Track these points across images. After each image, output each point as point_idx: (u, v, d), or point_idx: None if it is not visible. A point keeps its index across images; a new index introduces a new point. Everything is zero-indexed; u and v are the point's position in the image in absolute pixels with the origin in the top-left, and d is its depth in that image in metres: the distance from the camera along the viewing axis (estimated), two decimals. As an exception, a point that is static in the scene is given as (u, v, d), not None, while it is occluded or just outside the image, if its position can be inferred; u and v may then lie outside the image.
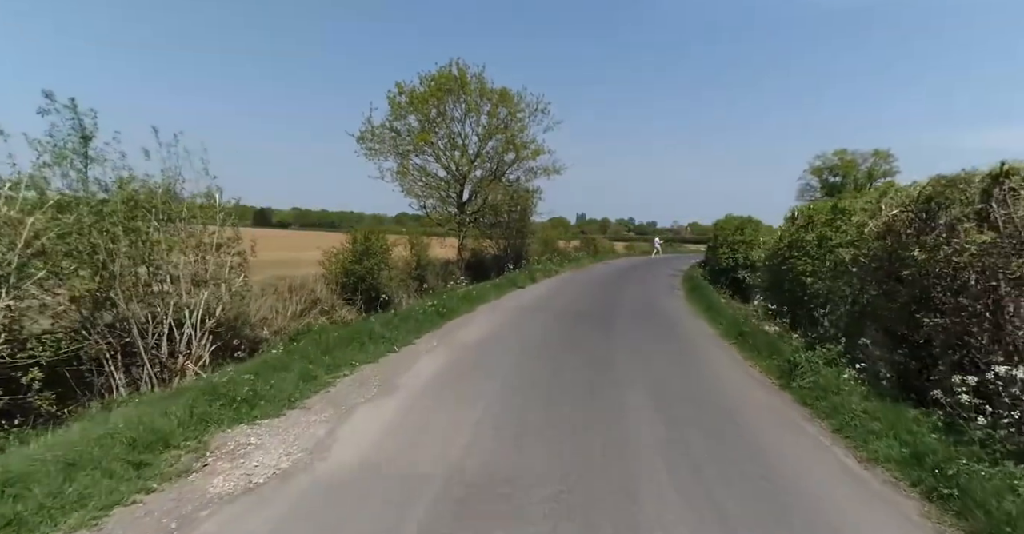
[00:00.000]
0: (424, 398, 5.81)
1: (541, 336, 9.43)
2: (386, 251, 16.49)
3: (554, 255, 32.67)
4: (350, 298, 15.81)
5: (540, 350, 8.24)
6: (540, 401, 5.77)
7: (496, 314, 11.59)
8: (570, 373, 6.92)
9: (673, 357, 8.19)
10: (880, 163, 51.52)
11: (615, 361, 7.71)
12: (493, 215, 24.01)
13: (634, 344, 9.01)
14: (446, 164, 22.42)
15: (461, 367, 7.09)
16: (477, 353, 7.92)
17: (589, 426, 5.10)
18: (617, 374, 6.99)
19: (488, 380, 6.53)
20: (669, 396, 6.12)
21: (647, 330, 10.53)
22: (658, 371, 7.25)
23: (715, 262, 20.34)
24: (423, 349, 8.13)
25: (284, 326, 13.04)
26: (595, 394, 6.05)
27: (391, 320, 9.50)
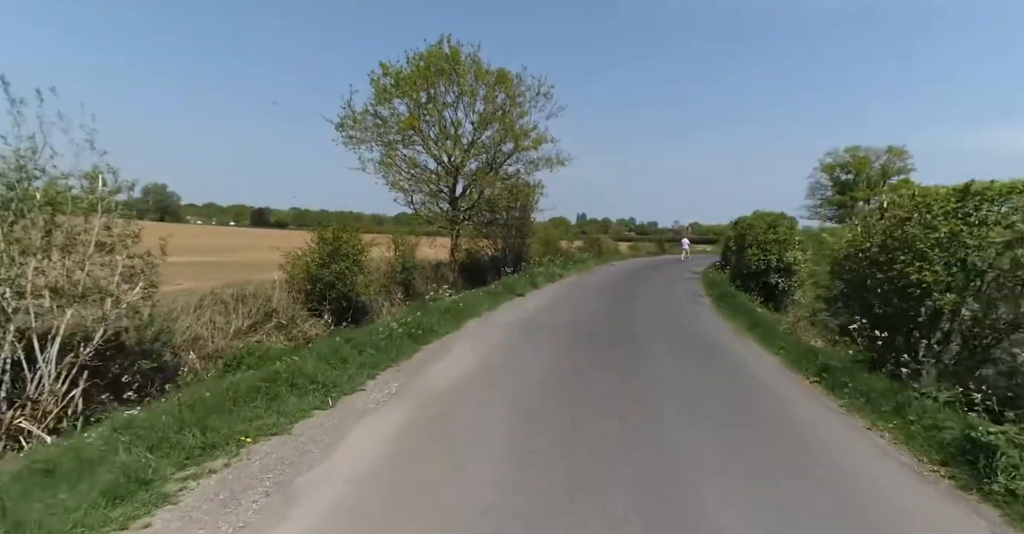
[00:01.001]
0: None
1: (544, 376, 6.52)
2: (361, 252, 13.69)
3: (556, 256, 29.88)
4: (316, 308, 13.03)
5: (544, 404, 5.38)
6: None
7: (488, 335, 8.79)
8: (594, 461, 4.06)
9: (746, 419, 5.25)
10: (894, 160, 48.67)
11: (659, 433, 4.83)
12: (490, 212, 21.20)
13: (677, 392, 6.08)
14: (436, 154, 19.62)
15: (419, 448, 4.24)
16: (448, 413, 5.07)
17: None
18: (665, 464, 4.13)
19: (458, 482, 3.69)
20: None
21: (687, 362, 7.59)
22: (730, 460, 4.31)
23: (741, 264, 17.49)
24: (370, 402, 5.29)
25: (224, 346, 10.27)
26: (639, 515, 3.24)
27: (339, 349, 6.69)
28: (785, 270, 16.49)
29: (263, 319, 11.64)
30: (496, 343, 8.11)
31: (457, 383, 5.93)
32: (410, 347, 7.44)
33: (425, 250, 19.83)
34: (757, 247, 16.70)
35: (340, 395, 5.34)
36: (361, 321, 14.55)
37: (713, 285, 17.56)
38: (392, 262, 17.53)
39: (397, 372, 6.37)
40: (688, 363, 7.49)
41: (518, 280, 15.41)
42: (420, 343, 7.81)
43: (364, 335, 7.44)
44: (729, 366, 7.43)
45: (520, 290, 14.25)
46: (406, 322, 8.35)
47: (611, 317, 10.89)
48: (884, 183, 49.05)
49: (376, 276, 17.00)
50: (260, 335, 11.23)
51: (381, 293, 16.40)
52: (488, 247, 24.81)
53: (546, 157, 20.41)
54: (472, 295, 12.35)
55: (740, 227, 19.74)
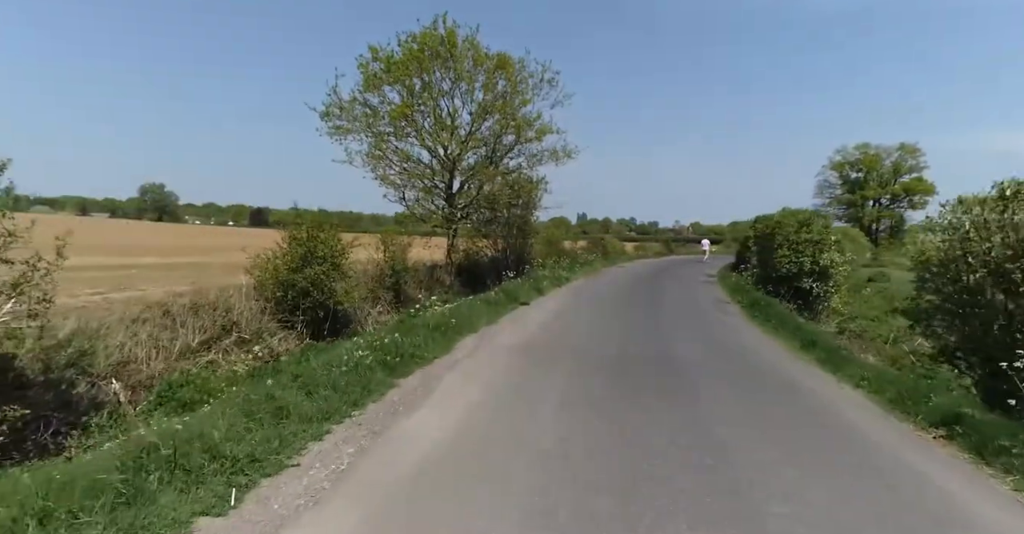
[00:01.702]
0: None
1: (562, 439, 4.41)
2: (341, 254, 11.77)
3: (560, 257, 27.97)
4: (288, 319, 11.12)
5: (568, 500, 3.38)
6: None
7: (484, 366, 6.81)
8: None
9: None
10: (906, 158, 46.73)
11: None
12: (489, 209, 19.28)
13: (756, 469, 4.11)
14: (431, 146, 17.69)
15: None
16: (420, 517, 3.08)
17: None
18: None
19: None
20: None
21: (755, 409, 5.51)
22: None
23: (768, 266, 15.54)
24: (302, 493, 3.32)
25: (165, 370, 8.38)
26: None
27: (277, 394, 4.72)
28: (820, 273, 14.55)
29: (220, 334, 9.73)
30: (495, 382, 6.05)
31: (439, 454, 3.97)
32: (381, 383, 5.53)
33: (419, 251, 17.94)
34: (788, 248, 14.77)
35: (257, 479, 3.42)
36: (343, 332, 12.65)
37: (738, 290, 15.64)
38: (381, 265, 15.63)
39: (355, 428, 4.41)
40: (762, 410, 5.46)
41: (521, 285, 13.50)
42: (396, 375, 5.90)
43: (321, 367, 5.48)
44: (808, 411, 5.46)
45: (524, 298, 12.34)
46: (380, 345, 6.43)
47: (635, 335, 8.96)
48: (895, 181, 47.18)
49: (362, 280, 15.11)
50: (214, 354, 9.33)
51: (367, 300, 14.50)
52: (488, 248, 22.88)
53: (551, 149, 18.49)
54: (468, 305, 10.44)
55: (765, 226, 17.77)
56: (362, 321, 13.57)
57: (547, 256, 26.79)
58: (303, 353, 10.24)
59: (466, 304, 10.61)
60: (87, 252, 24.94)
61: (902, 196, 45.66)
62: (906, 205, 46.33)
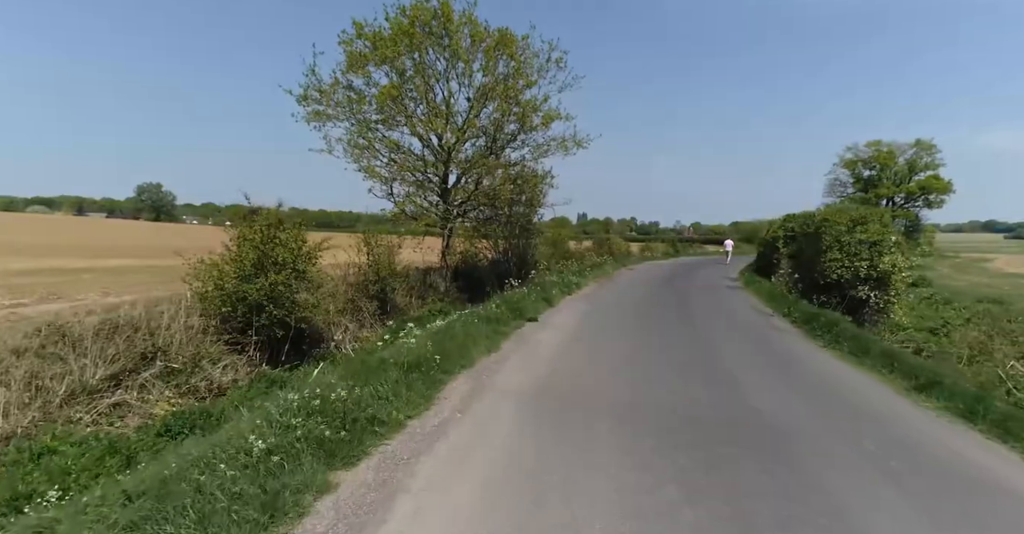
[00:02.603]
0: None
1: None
2: (307, 259, 9.44)
3: (565, 259, 25.64)
4: (238, 341, 8.78)
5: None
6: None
7: (480, 438, 4.31)
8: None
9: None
10: (921, 155, 44.34)
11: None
12: (489, 206, 16.97)
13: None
14: (423, 134, 15.34)
15: None
16: None
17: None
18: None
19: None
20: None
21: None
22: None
23: (814, 272, 13.17)
24: None
25: (40, 422, 6.10)
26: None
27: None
28: (877, 280, 12.18)
29: (139, 363, 7.40)
30: (495, 469, 3.71)
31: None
32: (303, 487, 3.16)
33: (409, 254, 15.61)
34: (839, 250, 12.39)
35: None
36: (310, 354, 10.32)
37: (775, 299, 13.30)
38: (363, 270, 13.31)
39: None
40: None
41: (527, 295, 11.16)
42: (337, 463, 3.54)
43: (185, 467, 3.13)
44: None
45: (531, 312, 10.00)
46: (322, 405, 4.07)
47: (685, 373, 6.39)
48: (910, 179, 44.80)
49: (340, 288, 12.78)
50: (126, 393, 7.00)
51: (345, 312, 12.17)
52: (487, 249, 20.56)
53: (559, 138, 16.12)
54: (463, 322, 8.11)
55: (803, 224, 15.38)
56: (337, 339, 11.25)
57: (551, 257, 24.48)
58: (251, 386, 7.92)
59: (460, 322, 8.27)
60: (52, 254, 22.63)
61: (918, 194, 43.30)
62: (921, 204, 43.97)
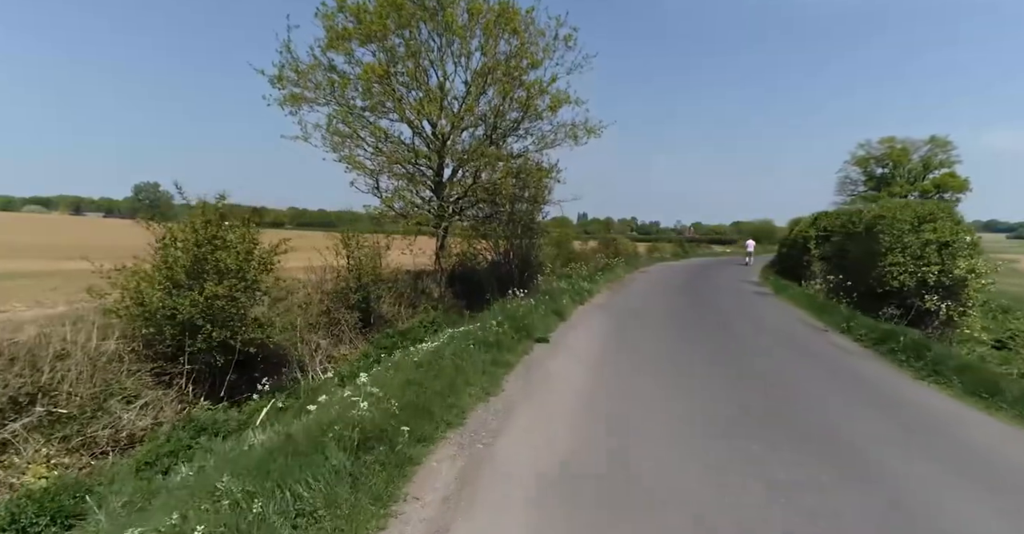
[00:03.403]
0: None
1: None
2: (262, 265, 7.42)
3: (571, 262, 23.63)
4: (165, 372, 6.76)
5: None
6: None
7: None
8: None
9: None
10: (936, 152, 42.28)
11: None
12: (489, 203, 14.99)
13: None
14: (414, 120, 13.34)
15: None
16: None
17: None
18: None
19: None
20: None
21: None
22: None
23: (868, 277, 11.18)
24: None
25: None
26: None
27: None
28: (948, 288, 10.19)
29: (10, 409, 5.41)
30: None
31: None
32: None
33: (398, 256, 13.63)
34: (902, 252, 10.38)
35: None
36: (268, 383, 8.35)
37: (822, 310, 11.28)
38: (343, 276, 11.32)
39: None
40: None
41: (534, 307, 9.14)
42: None
43: None
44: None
45: (540, 329, 7.99)
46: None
47: (769, 437, 4.29)
48: (925, 177, 42.77)
49: (315, 297, 10.78)
50: (-19, 455, 5.03)
51: (318, 327, 10.17)
52: (487, 250, 18.55)
53: (568, 124, 14.10)
54: (453, 350, 6.10)
55: (847, 223, 13.36)
56: (304, 360, 9.23)
57: (556, 258, 22.45)
58: (172, 435, 5.90)
59: (451, 347, 6.26)
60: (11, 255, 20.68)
61: (932, 193, 41.24)
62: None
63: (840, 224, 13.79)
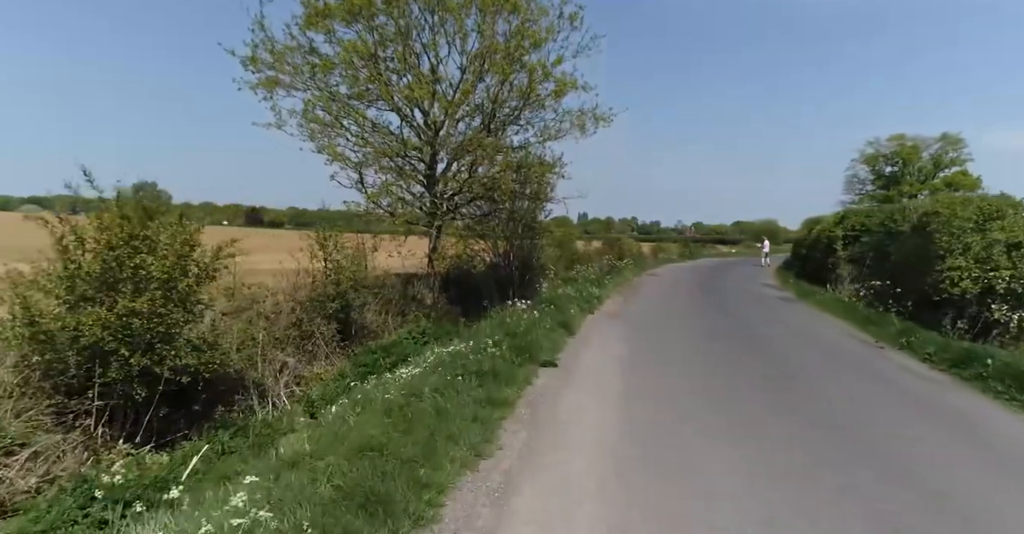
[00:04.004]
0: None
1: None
2: (202, 273, 5.89)
3: (575, 263, 22.12)
4: (66, 410, 5.26)
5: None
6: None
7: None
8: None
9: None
10: (947, 150, 40.77)
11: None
12: (487, 199, 13.49)
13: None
14: (403, 107, 11.83)
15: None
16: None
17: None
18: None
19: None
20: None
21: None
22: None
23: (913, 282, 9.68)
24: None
25: None
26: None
27: None
28: (1020, 296, 8.73)
29: None
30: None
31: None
32: None
33: (386, 259, 12.14)
34: (964, 255, 8.90)
35: None
36: (215, 414, 6.90)
37: (866, 320, 9.76)
38: (319, 281, 9.80)
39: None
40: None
41: (538, 320, 7.59)
42: None
43: None
44: None
45: (546, 349, 6.47)
46: None
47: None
48: (936, 175, 41.26)
49: (285, 307, 9.26)
50: None
51: (287, 342, 8.62)
52: (485, 251, 17.04)
53: (575, 112, 12.57)
54: (436, 383, 4.57)
55: (891, 220, 11.83)
56: (267, 384, 7.70)
57: (558, 261, 20.93)
58: (56, 503, 4.39)
59: (433, 382, 4.74)
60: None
61: (943, 192, 39.64)
62: (948, 202, 40.34)
63: (878, 222, 12.25)
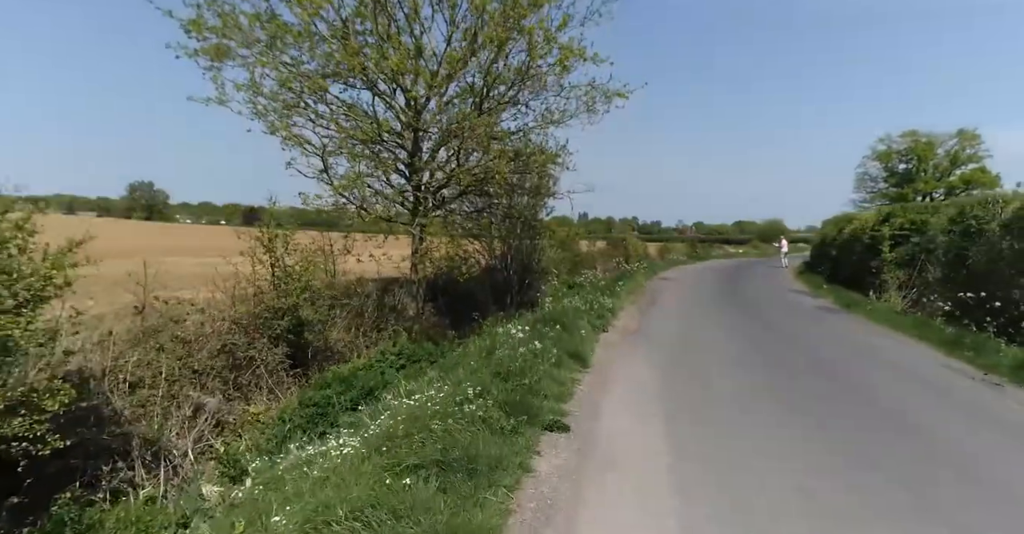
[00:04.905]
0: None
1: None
2: (33, 295, 3.82)
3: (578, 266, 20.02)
4: None
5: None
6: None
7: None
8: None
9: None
10: (964, 146, 38.57)
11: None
12: (480, 193, 11.45)
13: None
14: (377, 80, 9.71)
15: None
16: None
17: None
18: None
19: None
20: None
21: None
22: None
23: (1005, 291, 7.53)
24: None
25: None
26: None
27: None
28: None
29: None
30: None
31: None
32: None
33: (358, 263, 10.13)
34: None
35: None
36: (71, 495, 4.77)
37: (958, 344, 7.66)
38: (266, 291, 7.72)
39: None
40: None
41: (541, 352, 5.44)
42: None
43: None
44: None
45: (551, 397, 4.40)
46: None
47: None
48: (952, 172, 39.07)
49: (217, 326, 7.16)
50: None
51: (209, 374, 6.52)
52: (479, 253, 14.92)
53: (582, 87, 10.43)
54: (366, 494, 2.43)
55: (976, 218, 9.71)
56: (169, 439, 5.64)
57: (560, 263, 18.83)
58: None
59: (356, 499, 2.62)
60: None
61: (961, 190, 37.51)
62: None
63: (950, 218, 10.12)
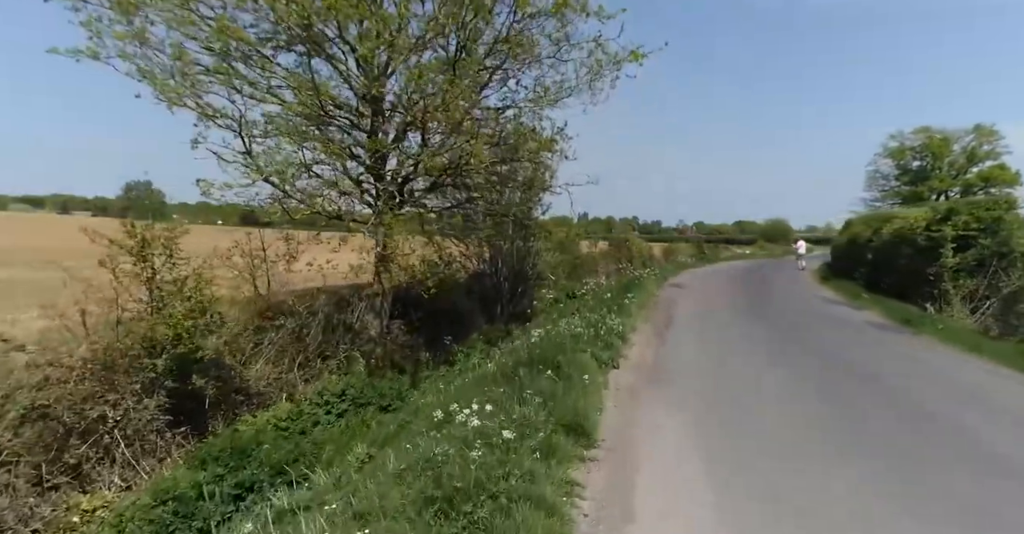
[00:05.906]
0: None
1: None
2: None
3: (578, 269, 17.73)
4: None
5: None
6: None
7: None
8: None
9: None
10: (981, 142, 36.18)
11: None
12: (458, 186, 9.19)
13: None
14: (318, 38, 7.36)
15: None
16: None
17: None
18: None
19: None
20: None
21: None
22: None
23: None
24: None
25: None
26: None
27: None
28: None
29: None
30: None
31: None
32: None
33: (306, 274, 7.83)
34: None
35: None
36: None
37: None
38: (146, 318, 5.43)
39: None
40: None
41: (525, 430, 3.14)
42: None
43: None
44: None
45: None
46: None
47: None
48: (969, 170, 36.66)
49: (54, 374, 4.88)
50: None
51: (38, 450, 4.15)
52: (465, 257, 12.64)
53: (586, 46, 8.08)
54: None
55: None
56: None
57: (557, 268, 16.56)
58: None
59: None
60: None
61: (978, 188, 35.15)
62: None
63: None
